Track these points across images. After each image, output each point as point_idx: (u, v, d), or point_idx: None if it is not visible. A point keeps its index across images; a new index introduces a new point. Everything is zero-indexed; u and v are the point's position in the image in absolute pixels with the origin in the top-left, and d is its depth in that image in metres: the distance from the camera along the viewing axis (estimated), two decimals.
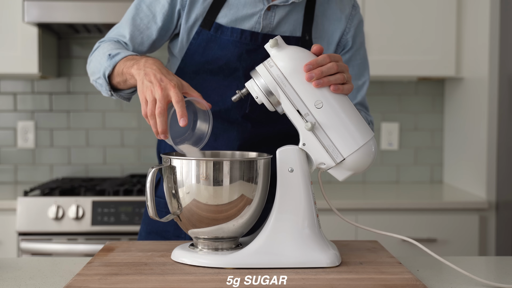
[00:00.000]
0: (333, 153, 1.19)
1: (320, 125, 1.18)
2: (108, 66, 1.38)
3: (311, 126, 1.17)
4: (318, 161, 1.21)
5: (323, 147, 1.19)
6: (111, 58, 1.38)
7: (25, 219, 2.45)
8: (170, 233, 1.52)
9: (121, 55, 1.37)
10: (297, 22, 1.48)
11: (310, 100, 1.18)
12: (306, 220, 1.20)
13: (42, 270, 1.26)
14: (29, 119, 3.06)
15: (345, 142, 1.18)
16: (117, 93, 1.44)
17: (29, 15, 2.56)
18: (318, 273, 1.15)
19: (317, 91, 1.18)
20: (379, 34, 2.77)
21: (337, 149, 1.19)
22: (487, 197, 2.60)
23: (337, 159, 1.19)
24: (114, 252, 1.30)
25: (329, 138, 1.19)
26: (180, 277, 1.12)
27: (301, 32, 1.48)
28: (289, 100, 1.19)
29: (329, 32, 1.51)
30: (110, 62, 1.37)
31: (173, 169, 1.19)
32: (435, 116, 3.14)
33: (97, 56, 1.44)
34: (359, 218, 2.53)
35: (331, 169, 1.21)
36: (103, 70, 1.39)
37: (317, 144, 1.19)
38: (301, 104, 1.18)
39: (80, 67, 3.06)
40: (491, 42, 2.58)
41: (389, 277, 1.14)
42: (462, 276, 1.23)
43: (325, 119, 1.18)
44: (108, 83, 1.40)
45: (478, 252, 2.57)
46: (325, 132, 1.19)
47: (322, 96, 1.18)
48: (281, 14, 1.46)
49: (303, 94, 1.18)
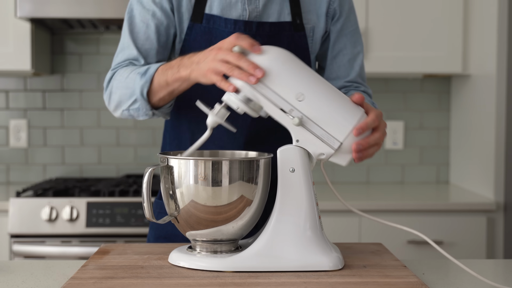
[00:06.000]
0: (329, 140, 1.19)
1: (307, 117, 1.19)
2: (145, 83, 1.36)
3: (299, 120, 1.18)
4: (316, 153, 1.21)
5: (317, 138, 1.19)
6: (144, 75, 1.36)
7: (17, 220, 2.45)
8: (179, 237, 1.52)
9: (154, 68, 1.36)
10: (284, 1, 1.50)
11: (290, 96, 1.18)
12: (308, 221, 1.20)
13: (35, 274, 1.26)
14: (21, 117, 3.06)
15: (337, 126, 1.19)
16: (159, 111, 1.42)
17: (22, 10, 2.55)
18: (320, 277, 1.15)
19: (294, 84, 1.18)
20: (383, 29, 2.77)
21: (331, 136, 1.19)
22: (495, 198, 2.60)
23: (335, 145, 1.19)
24: (109, 254, 1.30)
25: (320, 127, 1.19)
26: (177, 281, 1.12)
27: (290, 15, 1.50)
28: (270, 102, 1.19)
29: (316, 5, 1.54)
30: (146, 79, 1.36)
31: (171, 169, 1.19)
32: (441, 114, 3.14)
33: (121, 83, 1.42)
34: (362, 220, 2.53)
35: (332, 157, 1.21)
36: (139, 91, 1.37)
37: (310, 136, 1.20)
38: (283, 102, 1.19)
39: (74, 63, 3.06)
40: (499, 37, 2.58)
41: (393, 280, 1.14)
42: (469, 280, 1.23)
43: (311, 109, 1.18)
44: (148, 102, 1.38)
45: (485, 255, 2.57)
46: (315, 122, 1.19)
47: (301, 88, 1.18)
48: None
49: (282, 92, 1.18)
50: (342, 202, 1.29)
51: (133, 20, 1.49)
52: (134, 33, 1.48)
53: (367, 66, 2.74)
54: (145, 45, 1.48)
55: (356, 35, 1.60)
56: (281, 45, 1.47)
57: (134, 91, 1.38)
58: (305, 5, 1.53)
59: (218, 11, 1.47)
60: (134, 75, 1.38)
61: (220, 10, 1.48)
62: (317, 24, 1.54)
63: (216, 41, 1.45)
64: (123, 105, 1.43)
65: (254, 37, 1.46)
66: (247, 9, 1.48)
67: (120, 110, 1.45)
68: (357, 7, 2.74)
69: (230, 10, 1.48)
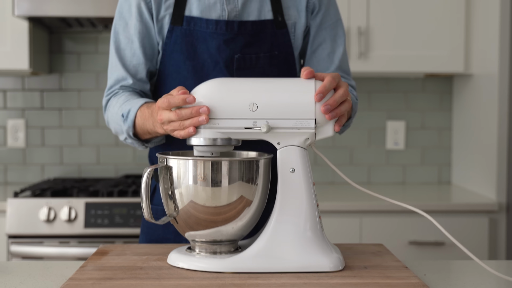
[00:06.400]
0: (304, 124, 1.19)
1: (272, 119, 1.19)
2: (129, 128, 1.43)
3: (267, 127, 1.18)
4: (302, 142, 1.21)
5: (293, 129, 1.19)
6: (126, 120, 1.43)
7: (15, 221, 2.46)
8: (170, 240, 1.53)
9: (132, 112, 1.42)
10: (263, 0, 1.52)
11: (244, 112, 1.19)
12: (308, 222, 1.20)
13: (33, 275, 1.26)
14: (19, 117, 3.06)
15: (302, 108, 1.19)
16: (152, 142, 1.50)
17: (20, 9, 2.56)
18: (320, 278, 1.15)
19: (240, 100, 1.19)
20: (384, 28, 2.77)
21: (303, 119, 1.19)
22: (497, 199, 2.60)
23: (311, 125, 1.19)
24: (108, 255, 1.30)
25: (288, 118, 1.19)
26: (176, 282, 1.12)
27: (271, 12, 1.52)
28: (232, 128, 1.19)
29: (296, 0, 1.55)
30: (128, 124, 1.43)
31: (170, 170, 1.19)
32: (443, 114, 3.14)
33: (112, 116, 1.50)
34: (363, 221, 2.53)
35: (317, 136, 1.21)
36: (126, 133, 1.45)
37: (286, 133, 1.20)
38: (241, 121, 1.19)
39: (73, 62, 3.06)
40: (501, 37, 2.58)
41: (395, 281, 1.14)
42: (471, 281, 1.23)
43: (270, 111, 1.19)
44: (138, 140, 1.46)
45: (487, 256, 2.57)
46: (282, 119, 1.19)
47: (248, 99, 1.19)
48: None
49: (235, 113, 1.19)
50: (344, 178, 1.29)
51: (117, 38, 1.54)
52: (120, 50, 1.53)
53: (367, 65, 2.74)
54: (133, 61, 1.53)
55: (336, 28, 1.60)
56: (264, 43, 1.51)
57: (123, 131, 1.46)
58: (285, 1, 1.54)
59: (198, 13, 1.49)
60: (119, 116, 1.45)
61: (200, 11, 1.49)
62: (298, 20, 1.55)
63: (197, 42, 1.49)
64: (120, 136, 1.51)
65: (236, 36, 1.48)
66: (226, 9, 1.49)
67: (119, 137, 1.52)
68: (358, 6, 2.74)
69: (209, 11, 1.49)
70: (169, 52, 1.50)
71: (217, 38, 1.48)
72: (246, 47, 1.49)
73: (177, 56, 1.49)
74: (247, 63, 1.48)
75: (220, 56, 1.48)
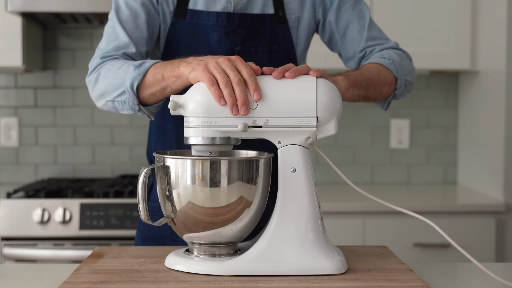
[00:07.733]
0: (305, 122, 1.19)
1: (272, 117, 1.18)
2: (138, 75, 1.32)
3: (244, 126, 1.17)
4: (303, 140, 1.20)
5: (294, 128, 1.19)
6: (139, 67, 1.32)
7: (8, 223, 2.46)
8: (166, 238, 1.53)
9: (150, 62, 1.33)
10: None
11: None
12: (309, 223, 1.20)
13: (26, 278, 1.26)
14: (12, 115, 3.06)
15: (303, 106, 1.18)
16: (146, 108, 1.38)
17: (13, 4, 2.55)
18: (322, 281, 1.15)
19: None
20: (389, 24, 2.76)
21: (304, 118, 1.19)
22: (504, 199, 2.60)
23: (313, 123, 1.19)
24: (103, 258, 1.30)
25: (289, 117, 1.19)
26: (174, 285, 1.12)
27: (273, 8, 1.53)
28: (231, 127, 1.18)
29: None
30: (140, 71, 1.32)
31: (167, 169, 1.19)
32: (449, 112, 3.14)
33: (110, 72, 1.39)
34: (367, 222, 2.53)
35: (319, 134, 1.21)
36: (130, 82, 1.33)
37: (287, 132, 1.19)
38: (241, 120, 1.18)
39: (67, 59, 3.06)
40: (508, 32, 2.57)
41: (399, 285, 1.14)
42: (477, 284, 1.23)
43: (270, 109, 1.18)
44: (136, 96, 1.34)
45: (495, 258, 2.57)
46: (282, 117, 1.19)
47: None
48: None
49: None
50: (345, 179, 1.28)
51: (121, 9, 1.50)
52: (123, 21, 1.49)
53: None
54: (135, 33, 1.49)
55: (358, 6, 1.60)
56: (262, 37, 1.52)
57: (124, 82, 1.34)
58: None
59: (203, 5, 1.51)
60: (127, 66, 1.36)
61: (205, 3, 1.51)
62: (301, 14, 1.57)
63: (199, 36, 1.50)
64: (108, 95, 1.39)
65: (237, 29, 1.50)
66: (232, 1, 1.51)
67: (103, 100, 1.42)
68: None
69: (214, 3, 1.51)
70: (171, 45, 1.52)
71: (218, 30, 1.50)
72: (246, 40, 1.52)
73: (178, 49, 1.51)
74: (247, 56, 1.49)
75: (221, 49, 1.50)
